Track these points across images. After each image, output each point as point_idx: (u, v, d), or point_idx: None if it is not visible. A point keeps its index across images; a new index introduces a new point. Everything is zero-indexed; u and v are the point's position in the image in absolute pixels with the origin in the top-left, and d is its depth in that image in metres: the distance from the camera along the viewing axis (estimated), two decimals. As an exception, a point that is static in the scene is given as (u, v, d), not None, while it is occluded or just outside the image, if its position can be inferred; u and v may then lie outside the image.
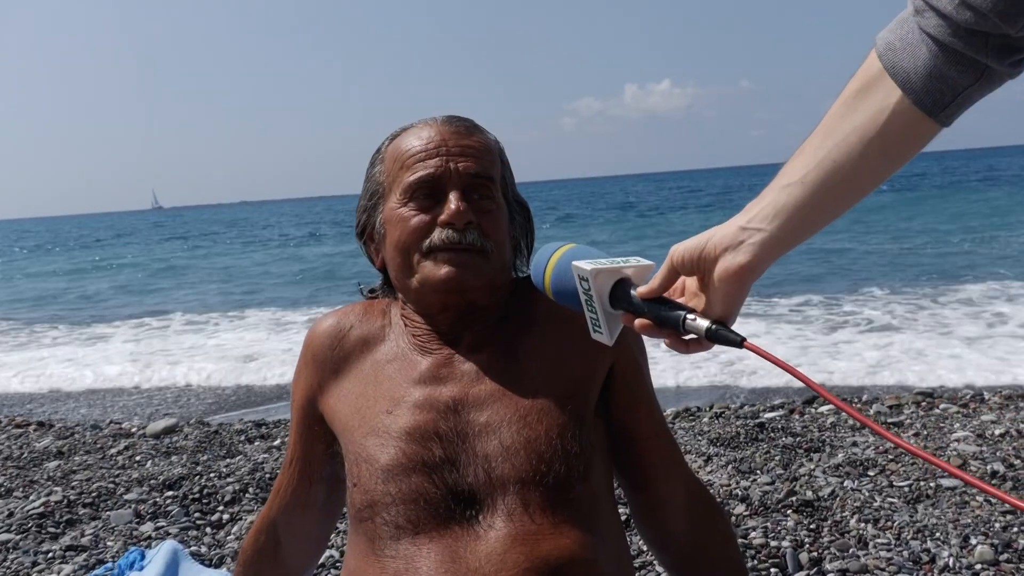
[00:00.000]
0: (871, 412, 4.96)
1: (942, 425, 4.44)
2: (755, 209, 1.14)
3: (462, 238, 1.46)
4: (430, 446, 1.43)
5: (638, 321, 1.20)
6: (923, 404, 5.06)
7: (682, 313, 1.15)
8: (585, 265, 1.22)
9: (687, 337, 1.18)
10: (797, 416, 4.86)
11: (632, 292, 1.21)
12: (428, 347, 1.53)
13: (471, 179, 1.50)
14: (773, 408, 5.15)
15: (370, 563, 1.43)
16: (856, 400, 5.48)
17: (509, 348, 1.51)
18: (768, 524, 3.16)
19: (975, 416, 4.61)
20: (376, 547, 1.43)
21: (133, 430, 5.57)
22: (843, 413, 4.83)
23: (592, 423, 1.50)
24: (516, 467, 1.39)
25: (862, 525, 3.10)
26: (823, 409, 5.01)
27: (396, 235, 1.50)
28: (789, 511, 3.28)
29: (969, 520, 3.06)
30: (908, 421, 4.60)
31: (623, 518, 3.03)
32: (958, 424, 4.44)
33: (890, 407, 5.04)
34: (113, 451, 4.93)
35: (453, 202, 1.46)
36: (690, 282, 1.21)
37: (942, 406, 4.96)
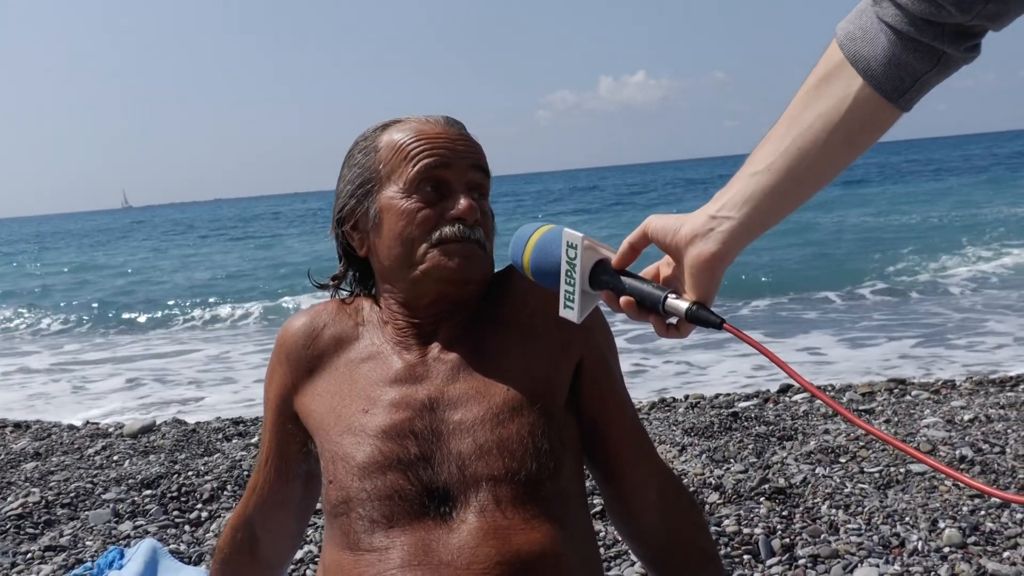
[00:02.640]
0: (844, 399, 5.03)
1: (912, 412, 4.51)
2: (724, 198, 1.16)
3: (471, 233, 1.50)
4: (406, 444, 1.45)
5: (623, 299, 1.22)
6: (895, 391, 5.12)
7: (663, 293, 1.18)
8: (576, 233, 1.25)
9: (669, 320, 1.20)
10: (771, 405, 4.91)
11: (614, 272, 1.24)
12: (404, 343, 1.55)
13: (474, 179, 1.55)
14: (748, 397, 5.20)
15: (345, 556, 1.45)
16: (830, 388, 5.54)
17: (481, 346, 1.54)
18: (741, 512, 3.20)
19: (945, 402, 4.68)
20: (351, 541, 1.45)
21: (111, 430, 5.56)
22: (816, 401, 4.89)
23: (562, 420, 1.52)
24: (489, 465, 1.42)
25: (833, 511, 3.15)
26: (797, 398, 5.07)
27: (401, 225, 1.51)
28: (762, 499, 3.32)
29: (938, 504, 3.12)
30: (879, 408, 4.66)
31: (599, 508, 3.08)
32: (928, 410, 4.50)
33: (863, 394, 5.10)
34: (91, 451, 4.92)
35: (464, 200, 1.50)
36: (664, 270, 1.24)
37: (913, 392, 5.03)
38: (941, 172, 43.46)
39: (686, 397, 5.45)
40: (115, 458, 4.72)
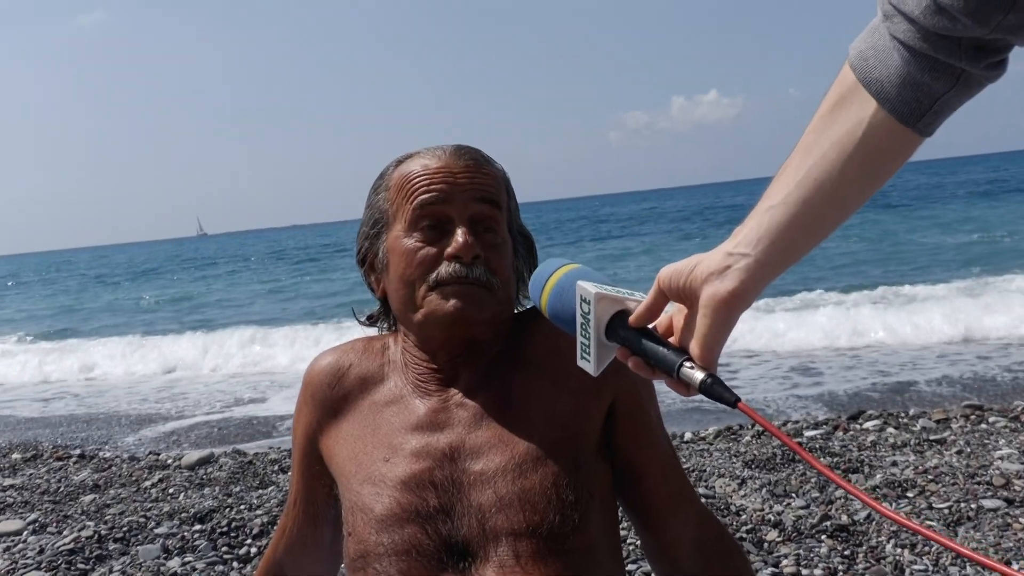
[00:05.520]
0: (917, 427, 4.82)
1: (987, 441, 4.30)
2: (740, 234, 1.08)
3: (469, 272, 1.42)
4: (425, 495, 1.39)
5: (632, 360, 1.14)
6: (971, 417, 4.91)
7: (678, 360, 1.09)
8: (590, 287, 1.17)
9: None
10: (840, 433, 4.74)
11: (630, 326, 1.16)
12: (427, 388, 1.49)
13: (478, 212, 1.47)
14: (817, 425, 5.02)
15: None
16: (903, 414, 5.31)
17: (506, 391, 1.46)
18: (801, 551, 3.06)
19: (1023, 431, 4.46)
20: None
21: (169, 461, 5.59)
22: (885, 431, 4.72)
23: (593, 467, 1.44)
24: (509, 518, 1.35)
25: (898, 551, 3.00)
26: (868, 425, 4.89)
27: (402, 267, 1.46)
28: (823, 536, 3.18)
29: (1011, 544, 2.95)
30: (952, 437, 4.46)
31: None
32: (1004, 440, 4.29)
33: (937, 421, 4.90)
34: (147, 483, 4.95)
35: (460, 236, 1.43)
36: (676, 316, 1.15)
37: (991, 419, 4.81)
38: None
39: (752, 425, 5.29)
40: (171, 491, 4.74)
